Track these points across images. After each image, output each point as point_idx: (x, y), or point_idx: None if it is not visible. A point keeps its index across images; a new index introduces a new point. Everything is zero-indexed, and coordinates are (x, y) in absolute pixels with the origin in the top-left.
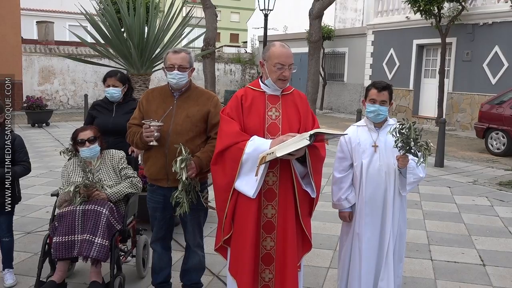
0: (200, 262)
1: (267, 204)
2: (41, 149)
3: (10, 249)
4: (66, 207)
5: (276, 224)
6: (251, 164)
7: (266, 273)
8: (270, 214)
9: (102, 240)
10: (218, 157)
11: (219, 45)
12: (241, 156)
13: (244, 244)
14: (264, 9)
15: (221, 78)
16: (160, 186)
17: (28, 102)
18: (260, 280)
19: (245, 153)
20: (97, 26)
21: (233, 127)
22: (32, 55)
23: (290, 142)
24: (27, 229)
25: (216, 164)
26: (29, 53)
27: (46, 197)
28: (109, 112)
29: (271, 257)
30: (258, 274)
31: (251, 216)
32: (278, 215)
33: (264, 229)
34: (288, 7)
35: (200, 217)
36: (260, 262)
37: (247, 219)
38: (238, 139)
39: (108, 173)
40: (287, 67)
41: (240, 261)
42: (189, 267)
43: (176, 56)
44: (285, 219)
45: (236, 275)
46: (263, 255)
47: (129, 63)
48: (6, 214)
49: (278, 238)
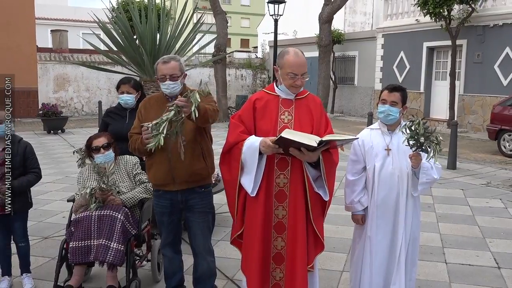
0: (209, 269)
1: (278, 205)
2: (57, 155)
3: (27, 254)
4: (82, 212)
5: (286, 225)
6: (249, 162)
7: (277, 272)
8: (281, 215)
9: (118, 245)
10: (224, 157)
11: (230, 50)
12: (240, 155)
13: (253, 242)
14: (274, 15)
15: (232, 83)
16: (166, 190)
17: (43, 109)
18: (271, 279)
19: (242, 152)
20: (110, 34)
21: (237, 129)
22: (47, 63)
23: (300, 133)
24: (44, 234)
25: (223, 163)
26: (44, 61)
27: (62, 203)
28: (123, 119)
29: (281, 256)
30: (269, 272)
31: (258, 214)
32: (289, 216)
33: (275, 229)
34: (298, 12)
35: (208, 220)
36: (271, 261)
37: (255, 218)
38: (238, 140)
39: (122, 178)
40: (300, 76)
41: (250, 259)
42: (199, 275)
43: (166, 66)
44: (296, 220)
45: (246, 272)
46: (274, 255)
47: (142, 70)
48: (21, 220)
49: (288, 239)
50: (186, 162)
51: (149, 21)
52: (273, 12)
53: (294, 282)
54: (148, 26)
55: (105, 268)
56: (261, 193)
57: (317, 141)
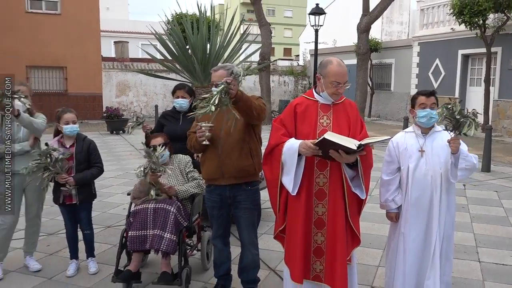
0: (254, 261)
1: (318, 202)
2: (118, 153)
3: (91, 240)
4: (140, 205)
5: (326, 221)
6: (288, 163)
7: (317, 264)
8: (321, 212)
9: (171, 235)
10: (266, 158)
11: (273, 59)
12: (281, 156)
13: (295, 237)
14: (315, 25)
15: (275, 89)
16: (217, 185)
17: (107, 112)
18: (312, 270)
19: (283, 153)
20: (166, 44)
21: (278, 132)
22: (110, 71)
23: (340, 136)
24: (107, 224)
25: (265, 164)
26: (108, 69)
27: (123, 196)
28: (177, 121)
29: (321, 250)
30: (310, 264)
31: (299, 212)
32: (328, 213)
33: (315, 225)
34: (338, 22)
35: (253, 216)
36: (312, 254)
37: (297, 214)
38: (279, 142)
39: (176, 175)
40: (342, 85)
41: (292, 252)
42: (244, 265)
43: (215, 74)
44: (335, 217)
45: (288, 264)
46: (315, 248)
47: (193, 77)
48: (86, 210)
49: (328, 234)
50: (234, 158)
51: (200, 33)
52: (314, 23)
53: (333, 274)
54: (199, 37)
55: (160, 256)
56: (302, 192)
57: (357, 144)
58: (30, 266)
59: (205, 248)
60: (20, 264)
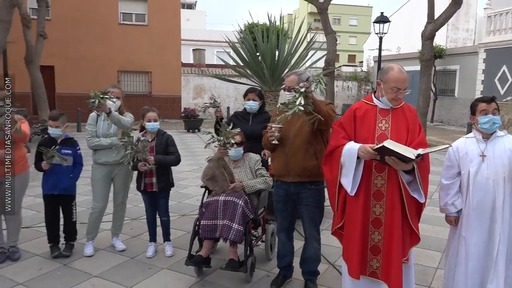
0: (315, 254)
1: (375, 203)
2: (194, 150)
3: (168, 226)
4: (211, 197)
5: (383, 221)
6: (347, 165)
7: (374, 261)
8: (378, 212)
9: (238, 226)
10: (326, 159)
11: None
12: (340, 157)
13: (353, 235)
14: (379, 33)
15: (339, 93)
16: (283, 181)
17: (185, 112)
18: (368, 267)
19: (342, 155)
20: (238, 51)
21: (338, 135)
22: (188, 75)
23: (399, 145)
24: (182, 212)
25: (325, 164)
26: (186, 74)
27: (196, 188)
28: (246, 121)
29: (378, 248)
30: (367, 262)
31: (358, 211)
32: (385, 214)
33: (373, 224)
34: (402, 30)
35: (315, 214)
36: (368, 252)
37: (355, 214)
38: (339, 144)
39: (245, 172)
40: (402, 90)
41: (350, 249)
42: (306, 256)
43: (287, 79)
44: (392, 217)
45: (347, 260)
46: (372, 246)
47: (262, 81)
48: (164, 198)
49: (385, 233)
50: (299, 158)
51: (269, 41)
52: (378, 30)
53: (389, 271)
54: (269, 45)
55: (228, 244)
56: (360, 192)
57: (415, 154)
58: (116, 246)
59: (269, 240)
60: (108, 243)
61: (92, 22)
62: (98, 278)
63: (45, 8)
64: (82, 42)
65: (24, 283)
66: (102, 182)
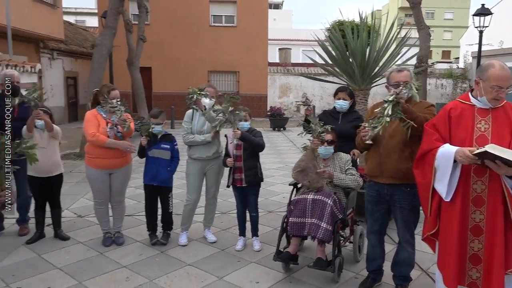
0: (409, 258)
1: (475, 209)
2: (279, 148)
3: (256, 222)
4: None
5: (484, 228)
6: (443, 170)
7: (473, 271)
8: (478, 219)
9: (327, 225)
10: (418, 162)
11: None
12: (434, 161)
13: (450, 243)
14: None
15: (432, 92)
16: (375, 182)
17: (271, 111)
18: (467, 277)
19: (436, 158)
20: (327, 49)
21: (431, 137)
22: (275, 74)
23: (504, 149)
24: (269, 209)
25: (416, 168)
26: (272, 73)
27: (282, 186)
28: (336, 120)
29: (478, 258)
30: (466, 271)
31: (454, 217)
32: (487, 221)
33: (472, 232)
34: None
35: (409, 217)
36: (467, 261)
37: (451, 220)
38: (432, 147)
39: (335, 171)
40: (505, 89)
41: (446, 258)
42: (398, 259)
43: (400, 74)
44: (494, 225)
45: (442, 269)
46: (471, 255)
47: (352, 80)
48: (254, 194)
49: (486, 242)
50: (393, 159)
51: (360, 38)
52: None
53: (490, 283)
54: (359, 42)
55: (315, 243)
56: (457, 198)
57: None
58: (208, 238)
59: (357, 241)
60: (200, 235)
61: (185, 25)
62: (191, 267)
63: (145, 14)
64: (176, 44)
65: (127, 266)
66: (196, 176)
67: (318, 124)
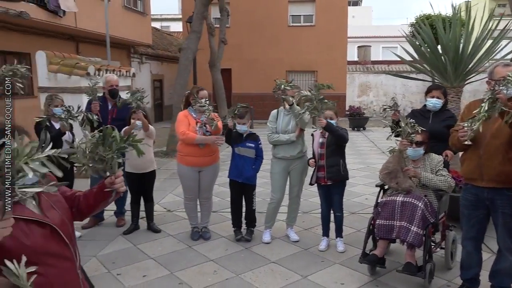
0: (510, 268)
1: None
2: (360, 148)
3: (341, 222)
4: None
5: None
6: None
7: None
8: None
9: (418, 229)
10: None
11: None
12: None
13: None
14: None
15: None
16: (473, 185)
17: (350, 110)
18: None
19: None
20: (415, 45)
21: None
22: (354, 73)
23: None
24: (351, 210)
25: None
26: (351, 72)
27: (364, 187)
28: (426, 119)
29: None
30: None
31: None
32: None
33: None
34: None
35: None
36: None
37: None
38: None
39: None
40: None
41: None
42: (498, 268)
43: (508, 69)
44: None
45: None
46: None
47: (443, 77)
48: (338, 194)
49: None
50: (496, 161)
51: (453, 32)
52: None
53: None
54: (452, 36)
55: (404, 247)
56: None
57: None
58: (291, 236)
59: (449, 247)
60: (282, 233)
61: (264, 26)
62: (275, 264)
63: (226, 17)
64: (255, 45)
65: (215, 260)
66: (280, 175)
67: (408, 124)
